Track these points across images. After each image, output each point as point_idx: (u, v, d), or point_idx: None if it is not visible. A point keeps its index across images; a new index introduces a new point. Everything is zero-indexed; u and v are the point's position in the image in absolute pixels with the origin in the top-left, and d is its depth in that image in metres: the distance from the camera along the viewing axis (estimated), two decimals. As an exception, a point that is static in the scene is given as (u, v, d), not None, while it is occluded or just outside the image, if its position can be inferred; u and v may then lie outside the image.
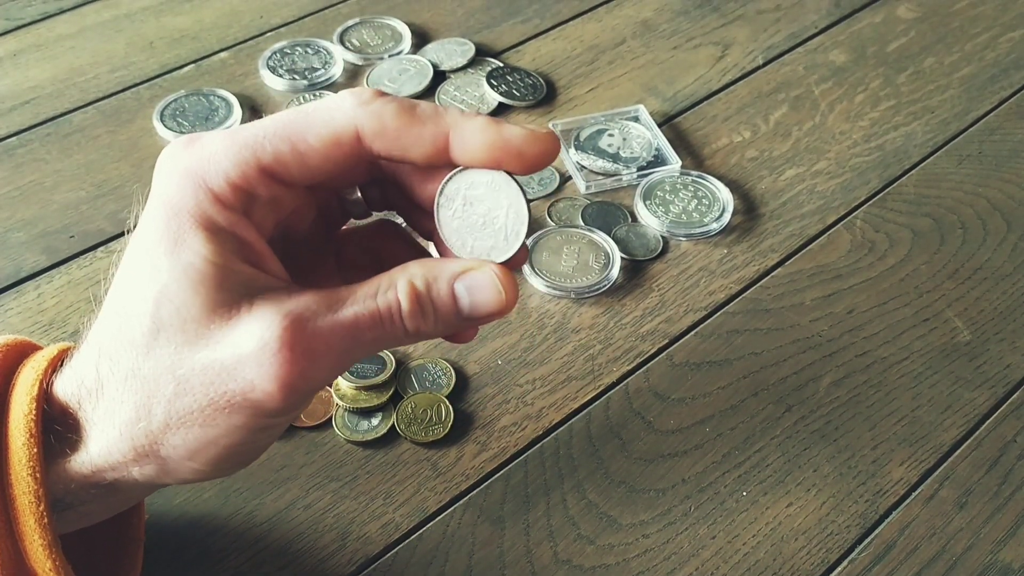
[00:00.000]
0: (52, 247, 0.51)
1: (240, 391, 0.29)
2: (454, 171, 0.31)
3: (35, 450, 0.30)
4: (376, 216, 0.35)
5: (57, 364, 0.32)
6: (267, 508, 0.40)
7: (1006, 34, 0.66)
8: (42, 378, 0.31)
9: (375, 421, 0.43)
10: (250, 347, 0.28)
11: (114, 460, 0.30)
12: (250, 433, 0.30)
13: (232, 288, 0.29)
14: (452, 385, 0.45)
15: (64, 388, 0.31)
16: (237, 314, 0.29)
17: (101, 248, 0.51)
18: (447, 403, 0.44)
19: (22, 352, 0.33)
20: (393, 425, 0.43)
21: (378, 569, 0.39)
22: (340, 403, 0.43)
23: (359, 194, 0.34)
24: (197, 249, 0.29)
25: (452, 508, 0.41)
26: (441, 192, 0.31)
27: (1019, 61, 0.64)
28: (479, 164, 0.30)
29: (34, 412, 0.30)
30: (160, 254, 0.29)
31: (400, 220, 0.35)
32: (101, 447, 0.30)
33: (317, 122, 0.30)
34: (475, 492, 0.41)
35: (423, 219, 0.34)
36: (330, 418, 0.43)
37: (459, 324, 0.31)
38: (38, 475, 0.30)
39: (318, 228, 0.34)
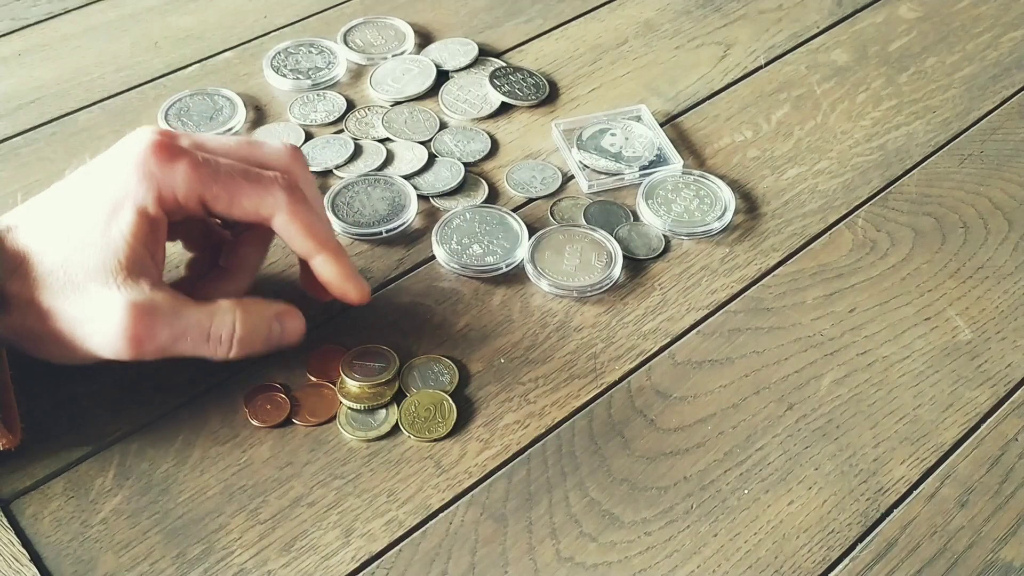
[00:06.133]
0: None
1: (87, 347, 0.40)
2: None
3: None
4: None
5: None
6: (271, 505, 0.41)
7: (1008, 34, 0.66)
8: None
9: (379, 418, 0.43)
10: (106, 321, 0.39)
11: None
12: (83, 359, 0.41)
13: (124, 262, 0.40)
14: (455, 383, 0.45)
15: None
16: (112, 281, 0.39)
17: (106, 247, 0.51)
18: (450, 401, 0.44)
19: None
20: (397, 422, 0.43)
21: (381, 566, 0.39)
22: (344, 401, 0.44)
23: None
24: (124, 226, 0.40)
25: (455, 505, 0.41)
26: None
27: (1021, 61, 0.64)
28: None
29: None
30: (101, 213, 0.40)
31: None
32: None
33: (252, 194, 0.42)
34: (478, 489, 0.41)
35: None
36: (334, 416, 0.44)
37: (263, 350, 0.43)
38: None
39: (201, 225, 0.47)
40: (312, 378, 0.45)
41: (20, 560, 0.38)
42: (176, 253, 0.48)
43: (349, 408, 0.44)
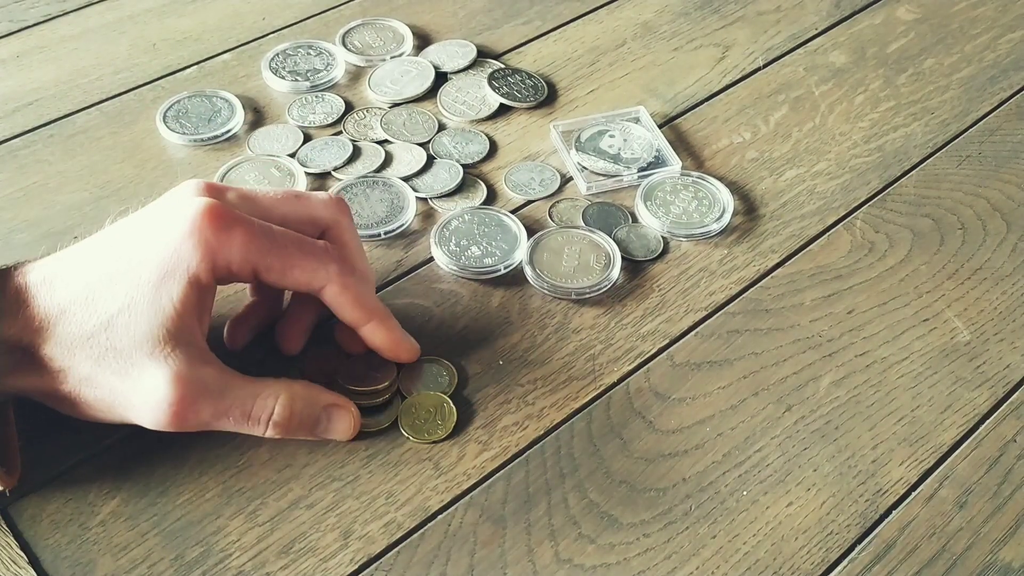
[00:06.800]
0: (56, 248, 0.51)
1: (127, 416, 0.39)
2: None
3: None
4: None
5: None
6: (270, 507, 0.41)
7: (1006, 35, 0.66)
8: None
9: (380, 416, 0.43)
10: (149, 393, 0.38)
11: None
12: (118, 422, 0.40)
13: (172, 331, 0.38)
14: (454, 384, 0.45)
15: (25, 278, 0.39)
16: (160, 351, 0.38)
17: (104, 249, 0.51)
18: (450, 403, 0.44)
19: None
20: (396, 420, 0.43)
21: (380, 568, 0.39)
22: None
23: None
24: (175, 294, 0.38)
25: (454, 507, 0.41)
26: None
27: (1019, 62, 0.64)
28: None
29: None
30: (150, 278, 0.38)
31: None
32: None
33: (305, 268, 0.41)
34: (477, 491, 0.41)
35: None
36: None
37: (309, 437, 0.42)
38: None
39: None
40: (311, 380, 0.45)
41: (19, 563, 0.38)
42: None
43: None
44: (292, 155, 0.56)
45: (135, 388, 0.38)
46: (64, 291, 0.39)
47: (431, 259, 0.51)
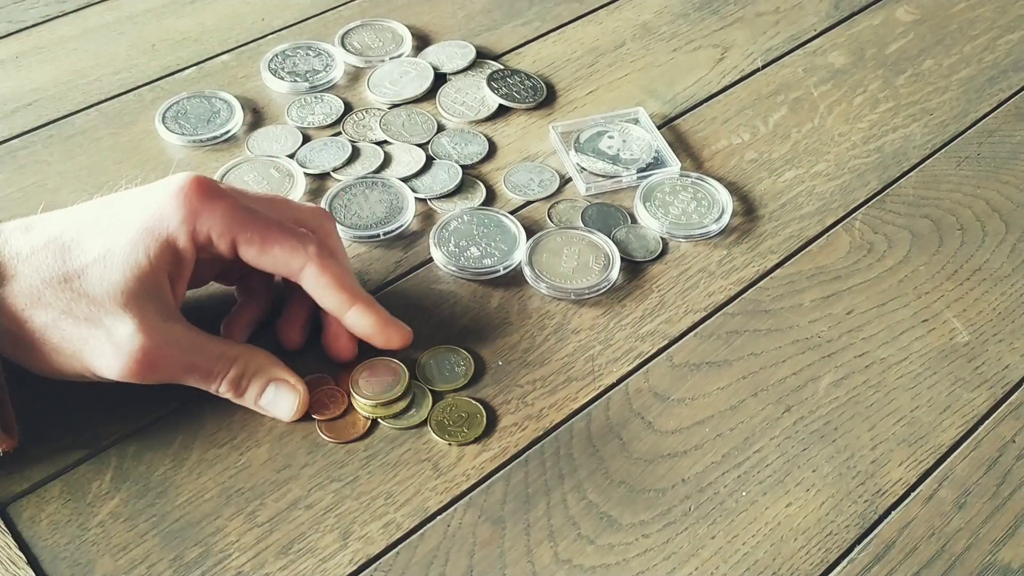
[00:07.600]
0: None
1: (91, 364, 0.39)
2: None
3: None
4: None
5: None
6: (269, 508, 0.41)
7: (1004, 36, 0.66)
8: None
9: (409, 413, 0.44)
10: (119, 342, 0.39)
11: None
12: (78, 375, 0.40)
13: (145, 284, 0.39)
14: (470, 375, 0.45)
15: None
16: (133, 302, 0.39)
17: (103, 249, 0.51)
18: (483, 415, 0.44)
19: None
20: (427, 418, 0.43)
21: (379, 568, 0.39)
22: (365, 414, 0.44)
23: None
24: (151, 250, 0.40)
25: (453, 508, 0.41)
26: None
27: (1017, 63, 0.64)
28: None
29: None
30: (131, 233, 0.40)
31: None
32: None
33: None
34: (476, 492, 0.41)
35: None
36: (361, 436, 0.43)
37: (254, 408, 0.43)
38: None
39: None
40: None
41: (17, 563, 0.38)
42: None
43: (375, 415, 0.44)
44: (291, 156, 0.56)
45: (105, 336, 0.39)
46: (39, 234, 0.40)
47: (430, 260, 0.51)
